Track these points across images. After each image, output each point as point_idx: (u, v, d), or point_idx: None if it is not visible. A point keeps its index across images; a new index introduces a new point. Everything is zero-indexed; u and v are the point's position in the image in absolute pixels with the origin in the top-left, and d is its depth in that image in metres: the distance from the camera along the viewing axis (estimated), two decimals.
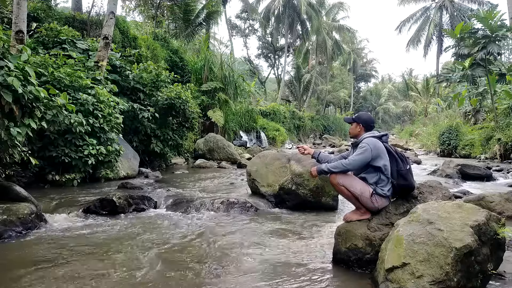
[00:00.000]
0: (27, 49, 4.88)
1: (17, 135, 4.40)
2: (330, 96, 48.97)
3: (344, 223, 3.29)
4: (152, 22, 20.22)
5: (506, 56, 28.99)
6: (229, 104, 16.72)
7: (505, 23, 14.44)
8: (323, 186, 5.27)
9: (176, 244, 3.70)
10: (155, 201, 5.48)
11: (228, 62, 18.66)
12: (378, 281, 2.61)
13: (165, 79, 10.38)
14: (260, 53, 48.69)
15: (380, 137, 3.29)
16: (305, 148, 3.69)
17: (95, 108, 7.13)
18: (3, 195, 4.49)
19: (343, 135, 41.99)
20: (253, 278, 2.88)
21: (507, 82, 14.95)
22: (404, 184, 3.16)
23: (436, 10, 35.72)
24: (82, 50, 9.30)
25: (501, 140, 13.76)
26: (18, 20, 6.77)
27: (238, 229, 4.36)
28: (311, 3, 37.22)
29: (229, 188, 7.11)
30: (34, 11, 10.88)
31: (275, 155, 6.23)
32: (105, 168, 7.45)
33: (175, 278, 2.87)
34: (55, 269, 2.99)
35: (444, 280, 2.28)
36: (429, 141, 21.62)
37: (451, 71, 21.26)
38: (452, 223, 2.47)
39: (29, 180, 6.48)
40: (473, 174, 8.95)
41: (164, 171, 10.07)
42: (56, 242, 3.74)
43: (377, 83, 72.09)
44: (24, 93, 4.34)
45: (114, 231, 4.18)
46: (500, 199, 4.84)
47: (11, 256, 3.33)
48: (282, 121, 30.15)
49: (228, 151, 13.25)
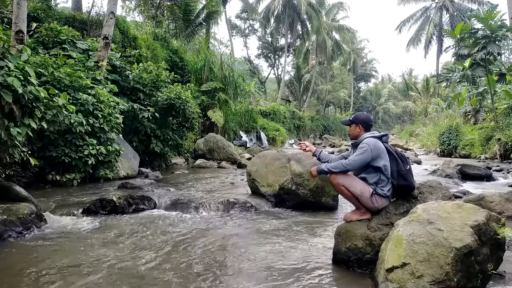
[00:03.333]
0: (27, 49, 4.88)
1: (17, 135, 4.40)
2: (330, 96, 48.98)
3: (344, 223, 3.29)
4: (152, 22, 20.22)
5: (506, 56, 29.00)
6: (229, 104, 16.72)
7: (505, 23, 14.44)
8: (323, 186, 5.27)
9: (176, 245, 3.70)
10: (155, 201, 5.47)
11: (228, 62, 18.67)
12: (378, 281, 2.61)
13: (165, 79, 10.38)
14: (260, 53, 48.72)
15: (380, 137, 3.28)
16: (307, 145, 3.68)
17: (95, 108, 7.13)
18: (3, 195, 4.49)
19: (343, 135, 41.98)
20: (253, 278, 2.88)
21: (507, 82, 14.95)
22: (404, 184, 3.16)
23: (436, 10, 35.73)
24: (82, 50, 9.30)
25: (501, 140, 13.76)
26: (18, 20, 6.77)
27: (238, 229, 4.36)
28: (311, 3, 37.22)
29: (229, 188, 7.11)
30: (34, 11, 10.89)
31: (275, 155, 6.23)
32: (105, 168, 7.45)
33: (175, 278, 2.87)
34: (55, 269, 2.99)
35: (444, 280, 2.28)
36: (429, 141, 21.63)
37: (451, 71, 21.27)
38: (452, 223, 2.47)
39: (29, 180, 6.48)
40: (473, 174, 8.95)
41: (164, 171, 10.07)
42: (56, 242, 3.74)
43: (377, 83, 72.10)
44: (24, 93, 4.34)
45: (114, 231, 4.18)
46: (500, 199, 4.83)
47: (11, 256, 3.33)
48: (282, 121, 30.16)
49: (228, 151, 13.25)
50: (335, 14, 44.86)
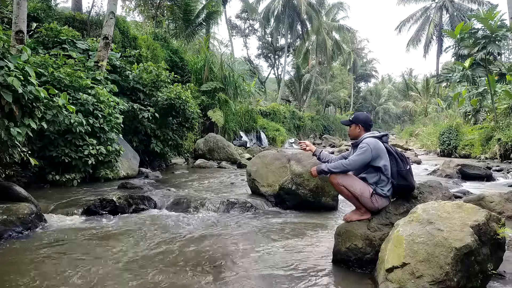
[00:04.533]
0: (27, 49, 4.88)
1: (17, 135, 4.40)
2: (330, 96, 48.98)
3: (344, 223, 3.29)
4: (152, 22, 20.22)
5: (506, 56, 28.97)
6: (229, 104, 16.72)
7: (505, 23, 14.44)
8: (323, 186, 5.27)
9: (176, 244, 3.70)
10: (155, 201, 5.47)
11: (228, 62, 18.67)
12: (378, 281, 2.61)
13: (165, 79, 10.38)
14: (260, 53, 48.74)
15: (380, 137, 3.28)
16: (307, 144, 3.67)
17: (95, 108, 7.13)
18: (3, 195, 4.49)
19: (343, 135, 41.99)
20: (252, 278, 2.88)
21: (507, 82, 14.96)
22: (404, 184, 3.16)
23: (436, 10, 35.75)
24: (82, 50, 9.29)
25: (501, 140, 13.76)
26: (18, 20, 6.77)
27: (238, 229, 4.36)
28: (311, 3, 37.24)
29: (229, 188, 7.11)
30: (34, 11, 10.88)
31: (275, 155, 6.23)
32: (105, 168, 7.45)
33: (175, 278, 2.87)
34: (55, 269, 2.99)
35: (444, 280, 2.28)
36: (429, 141, 21.63)
37: (451, 71, 21.26)
38: (452, 223, 2.47)
39: (29, 180, 6.47)
40: (473, 174, 8.94)
41: (164, 171, 10.07)
42: (56, 242, 3.74)
43: (377, 83, 72.12)
44: (24, 93, 4.34)
45: (114, 231, 4.18)
46: (500, 199, 4.83)
47: (11, 256, 3.33)
48: (282, 121, 30.17)
49: (228, 151, 13.25)
50: (335, 14, 44.86)
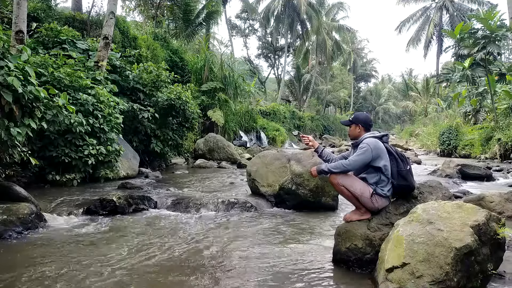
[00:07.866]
0: (27, 49, 4.88)
1: (17, 135, 4.39)
2: (330, 96, 48.99)
3: (344, 223, 3.28)
4: (152, 22, 20.20)
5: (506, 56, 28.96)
6: (229, 104, 16.72)
7: (505, 23, 14.45)
8: (323, 186, 5.27)
9: (176, 244, 3.70)
10: (155, 201, 5.47)
11: (228, 62, 18.67)
12: (378, 281, 2.61)
13: (165, 79, 10.38)
14: (260, 53, 48.72)
15: (381, 137, 3.28)
16: (310, 139, 3.61)
17: (95, 108, 7.12)
18: (3, 195, 4.49)
19: (343, 135, 41.99)
20: (253, 278, 2.88)
21: (507, 82, 14.96)
22: (404, 184, 3.15)
23: (436, 10, 35.75)
24: (82, 50, 9.29)
25: (501, 140, 13.77)
26: (18, 20, 6.77)
27: (238, 229, 4.36)
28: (311, 3, 37.23)
29: (229, 188, 7.11)
30: (34, 11, 10.88)
31: (275, 155, 6.23)
32: (105, 168, 7.44)
33: (175, 278, 2.87)
34: (55, 269, 2.99)
35: (444, 280, 2.28)
36: (429, 141, 21.64)
37: (451, 71, 21.28)
38: (452, 223, 2.47)
39: (29, 180, 6.47)
40: (473, 174, 8.94)
41: (164, 171, 10.07)
42: (56, 242, 3.73)
43: (377, 83, 72.13)
44: (24, 93, 4.34)
45: (114, 231, 4.18)
46: (500, 199, 4.83)
47: (11, 256, 3.33)
48: (282, 121, 30.18)
49: (228, 151, 13.25)
50: (335, 14, 44.88)
